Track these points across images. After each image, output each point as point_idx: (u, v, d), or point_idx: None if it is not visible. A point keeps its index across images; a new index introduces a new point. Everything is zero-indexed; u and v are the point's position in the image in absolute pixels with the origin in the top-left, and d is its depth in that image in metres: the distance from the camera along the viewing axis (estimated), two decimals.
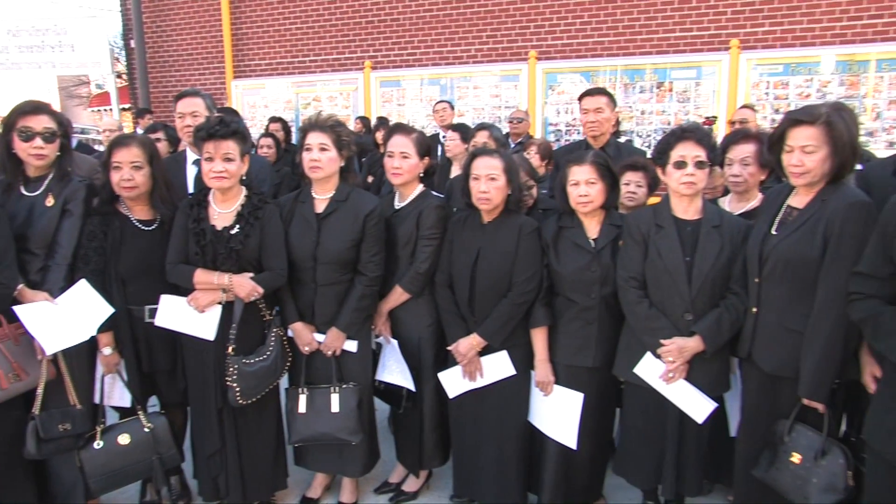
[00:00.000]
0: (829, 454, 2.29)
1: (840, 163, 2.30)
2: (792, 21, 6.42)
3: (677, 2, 6.95)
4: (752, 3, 6.58)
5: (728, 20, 6.70)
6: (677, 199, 2.66)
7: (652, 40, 7.09)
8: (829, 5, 6.30)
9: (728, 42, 6.60)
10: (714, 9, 6.77)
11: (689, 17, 6.91)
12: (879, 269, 1.96)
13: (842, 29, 6.26)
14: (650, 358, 2.64)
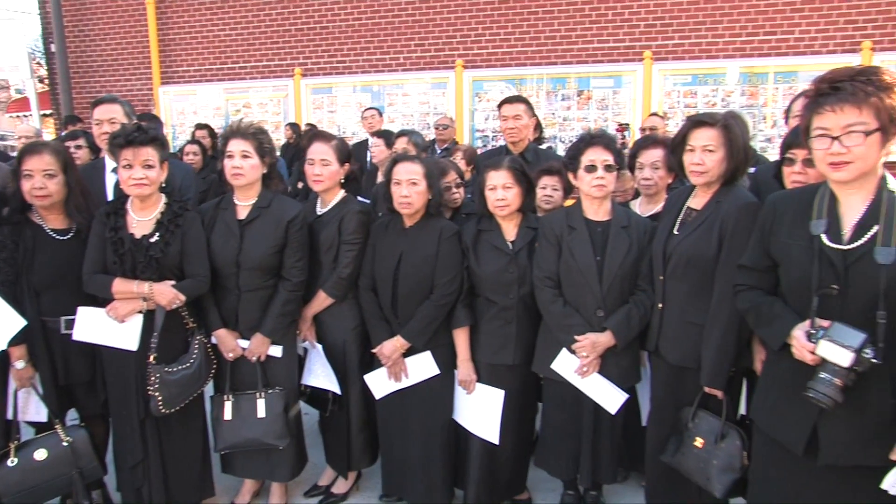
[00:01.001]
0: (727, 437, 2.39)
1: (735, 165, 2.42)
2: (698, 35, 6.71)
3: (595, 15, 7.16)
4: (662, 17, 6.84)
5: (641, 33, 6.94)
6: (588, 202, 2.74)
7: (572, 51, 7.27)
8: (730, 21, 6.61)
9: (642, 53, 6.84)
10: (628, 22, 7.00)
11: (606, 30, 7.12)
12: (759, 263, 2.05)
13: (742, 43, 6.59)
14: (566, 354, 2.71)
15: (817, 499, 1.95)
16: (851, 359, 1.72)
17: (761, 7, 6.52)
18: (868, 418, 1.84)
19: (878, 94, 1.74)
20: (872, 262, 1.78)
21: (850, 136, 1.75)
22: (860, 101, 1.74)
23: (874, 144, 1.77)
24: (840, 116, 1.76)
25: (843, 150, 1.76)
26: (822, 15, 6.35)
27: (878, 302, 1.76)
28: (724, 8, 6.64)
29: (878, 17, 6.23)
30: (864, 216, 1.83)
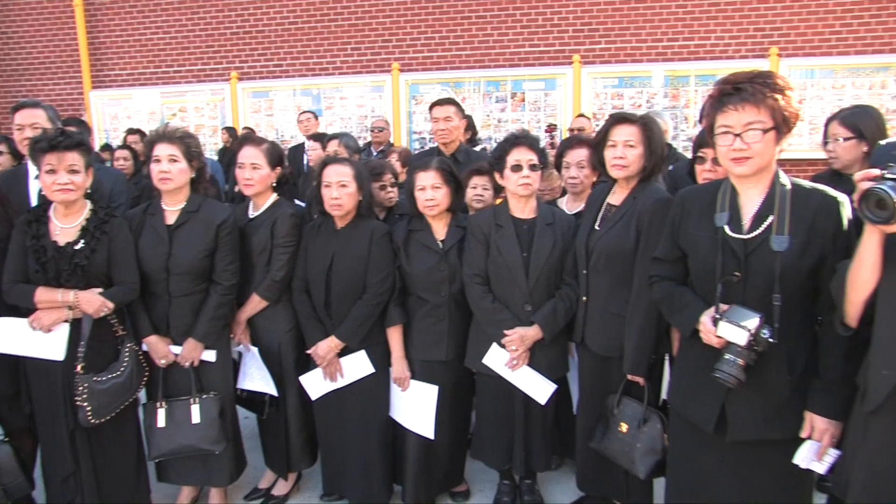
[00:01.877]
0: (649, 421, 2.47)
1: (653, 162, 2.51)
2: (623, 40, 6.91)
3: (526, 20, 7.27)
4: (590, 23, 7.00)
5: (570, 38, 7.09)
6: (515, 200, 2.78)
7: (505, 54, 7.36)
8: (652, 27, 6.83)
9: (571, 57, 6.99)
10: (558, 27, 7.14)
11: (537, 34, 7.24)
12: (670, 254, 2.14)
13: (663, 48, 6.82)
14: (496, 348, 2.75)
15: (728, 473, 2.04)
16: (747, 338, 1.81)
17: (680, 14, 6.76)
18: (769, 395, 1.94)
19: (774, 96, 1.84)
20: (769, 250, 1.88)
21: (750, 134, 1.85)
22: (759, 101, 1.84)
23: (770, 141, 1.87)
24: (741, 115, 1.85)
25: (744, 146, 1.86)
26: (735, 23, 6.63)
27: (774, 286, 1.87)
28: (647, 15, 6.85)
29: (783, 26, 6.55)
30: (760, 208, 1.93)
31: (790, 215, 1.89)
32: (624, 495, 2.80)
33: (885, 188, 1.46)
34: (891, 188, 1.46)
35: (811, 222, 1.88)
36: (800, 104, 1.91)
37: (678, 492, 2.21)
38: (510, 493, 3.09)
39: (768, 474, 2.01)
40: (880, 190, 1.46)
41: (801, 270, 1.88)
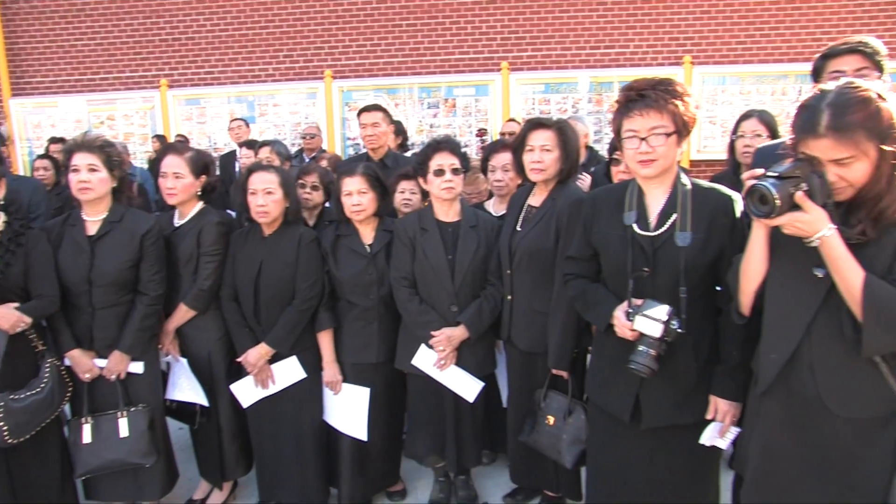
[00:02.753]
0: (574, 413, 2.53)
1: (569, 165, 2.59)
2: (549, 48, 7.05)
3: (455, 28, 7.33)
4: (516, 31, 7.12)
5: (498, 45, 7.19)
6: (439, 204, 2.81)
7: (436, 61, 7.40)
8: (576, 36, 7.00)
9: (499, 64, 7.09)
10: (486, 35, 7.23)
11: (467, 42, 7.31)
12: (583, 253, 2.20)
13: (587, 55, 7.00)
14: (424, 349, 2.76)
15: (642, 458, 2.12)
16: (661, 330, 1.88)
17: (601, 24, 6.96)
18: (678, 382, 2.02)
19: (674, 102, 1.92)
20: (674, 246, 1.96)
21: (655, 137, 1.92)
22: (661, 107, 1.91)
23: (672, 144, 1.95)
24: (646, 120, 1.92)
25: (650, 149, 1.93)
26: (651, 32, 6.87)
27: (680, 279, 1.95)
28: (570, 24, 7.02)
29: (695, 36, 6.83)
30: (665, 206, 2.02)
31: (691, 213, 1.98)
32: (554, 485, 2.87)
33: (766, 184, 1.53)
34: (771, 185, 1.52)
35: (710, 219, 1.97)
36: (696, 109, 2.00)
37: (598, 478, 2.28)
38: (445, 490, 3.11)
39: (679, 456, 2.10)
40: (762, 186, 1.53)
41: (702, 264, 1.97)
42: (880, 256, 1.56)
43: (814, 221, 1.53)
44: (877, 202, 1.56)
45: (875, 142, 1.51)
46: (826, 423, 1.66)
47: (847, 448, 1.65)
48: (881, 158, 1.53)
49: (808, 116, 1.57)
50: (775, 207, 1.52)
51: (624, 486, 2.16)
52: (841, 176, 1.55)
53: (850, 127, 1.50)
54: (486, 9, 7.22)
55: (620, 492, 2.17)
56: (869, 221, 1.57)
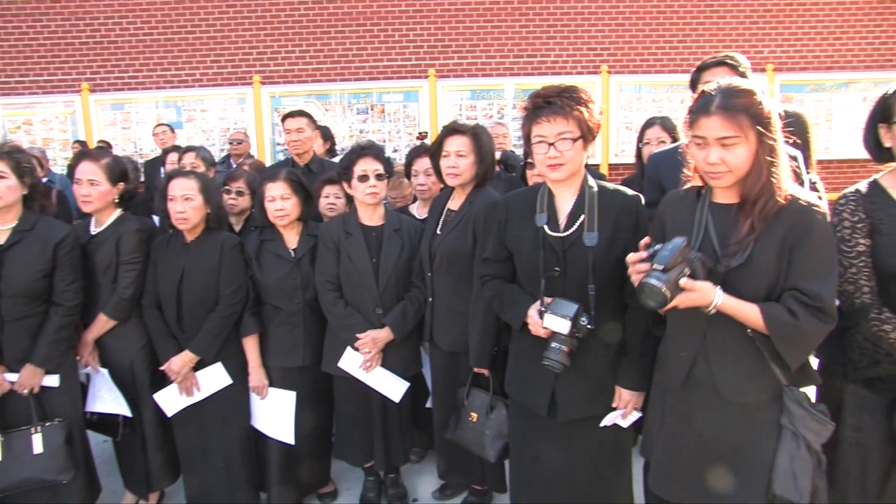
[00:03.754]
0: (495, 409, 2.55)
1: (484, 169, 2.61)
2: (474, 56, 7.13)
3: (383, 35, 7.30)
4: (442, 39, 7.16)
5: (426, 53, 7.21)
6: (363, 209, 2.79)
7: (364, 68, 7.35)
8: (500, 45, 7.10)
9: (427, 71, 7.11)
10: (413, 42, 7.23)
11: (395, 49, 7.29)
12: (498, 254, 2.22)
13: (510, 64, 7.12)
14: (350, 351, 2.73)
15: (559, 449, 2.16)
16: (569, 326, 1.93)
17: (524, 34, 7.08)
18: (591, 376, 2.07)
19: (580, 108, 1.97)
20: (582, 245, 2.01)
21: (562, 142, 1.97)
22: (567, 113, 1.96)
23: (579, 149, 2.00)
24: (553, 126, 1.96)
25: (558, 153, 1.97)
26: (570, 42, 7.05)
27: (588, 277, 2.00)
28: (494, 33, 7.10)
29: (611, 47, 7.05)
30: (573, 208, 2.06)
31: (598, 214, 2.03)
32: (480, 479, 2.89)
33: (653, 282, 1.60)
34: (657, 279, 1.60)
35: (615, 219, 2.03)
36: (600, 116, 2.06)
37: (520, 469, 2.31)
38: (375, 489, 3.08)
39: (593, 445, 2.15)
40: (651, 284, 1.61)
41: (609, 262, 2.02)
42: (770, 246, 1.67)
43: (704, 296, 1.64)
44: (758, 199, 1.66)
45: (755, 129, 1.65)
46: (720, 409, 1.75)
47: (737, 430, 1.76)
48: (760, 147, 1.65)
49: (702, 99, 1.72)
50: (666, 300, 1.61)
51: (544, 476, 2.20)
52: (724, 159, 1.66)
53: (737, 108, 1.65)
54: (414, 17, 7.23)
55: (542, 482, 2.21)
56: (756, 217, 1.67)
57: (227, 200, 3.19)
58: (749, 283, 1.68)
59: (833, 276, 1.71)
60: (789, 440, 1.72)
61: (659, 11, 7.05)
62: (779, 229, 1.67)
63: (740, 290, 1.68)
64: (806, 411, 1.71)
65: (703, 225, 1.76)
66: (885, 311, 1.81)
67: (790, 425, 1.72)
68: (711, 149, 1.67)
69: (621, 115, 6.94)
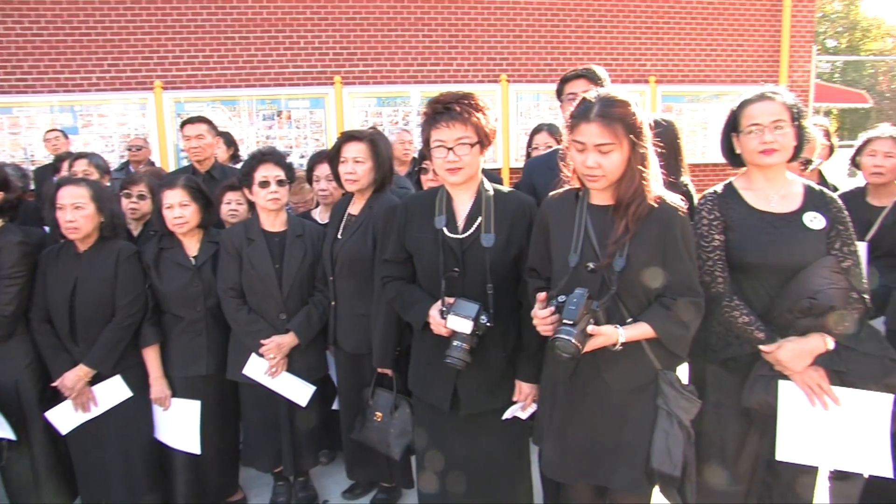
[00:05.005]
0: (399, 407, 2.56)
1: (382, 175, 2.62)
2: (379, 63, 7.12)
3: (288, 42, 7.14)
4: (348, 47, 7.10)
5: (331, 60, 7.12)
6: (265, 215, 2.73)
7: (270, 74, 7.16)
8: (404, 53, 7.13)
9: (333, 78, 7.03)
10: (319, 49, 7.12)
11: (300, 56, 7.15)
12: (399, 256, 2.23)
13: (414, 72, 7.16)
14: (255, 358, 2.67)
15: (463, 443, 2.20)
16: (471, 326, 1.97)
17: (427, 43, 7.14)
18: (490, 371, 2.12)
19: (477, 115, 2.02)
20: (480, 247, 2.06)
21: (460, 147, 2.00)
22: (466, 119, 2.00)
23: (476, 154, 2.05)
24: (452, 131, 1.99)
25: (456, 158, 2.01)
26: (472, 52, 7.18)
27: (486, 277, 2.05)
28: (398, 42, 7.13)
29: (509, 57, 7.25)
30: (470, 210, 2.11)
31: (494, 216, 2.09)
32: (388, 476, 2.89)
33: (564, 337, 1.69)
34: (567, 334, 1.69)
35: (511, 221, 2.10)
36: (496, 122, 2.12)
37: (426, 465, 2.32)
38: (285, 494, 3.01)
39: (493, 437, 2.21)
40: (562, 340, 1.70)
41: (505, 262, 2.09)
42: (644, 244, 1.80)
43: (609, 338, 1.75)
44: (631, 202, 1.77)
45: (629, 138, 1.76)
46: (605, 397, 1.85)
47: (620, 414, 1.88)
48: (632, 154, 1.77)
49: (583, 106, 1.81)
50: (579, 351, 1.71)
51: (449, 469, 2.23)
52: (600, 163, 1.77)
53: (613, 117, 1.75)
54: (319, 25, 7.13)
55: (447, 475, 2.24)
56: (630, 219, 1.78)
57: (127, 205, 3.03)
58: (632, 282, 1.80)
59: (696, 266, 1.86)
60: (664, 419, 1.85)
61: (553, 25, 7.32)
62: (651, 229, 1.79)
63: (627, 289, 1.80)
64: (678, 392, 1.85)
65: (583, 225, 1.86)
66: (735, 299, 1.98)
67: (664, 405, 1.85)
68: (589, 153, 1.77)
69: (520, 122, 7.14)
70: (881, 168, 2.84)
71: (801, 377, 1.93)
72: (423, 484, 2.36)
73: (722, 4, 7.81)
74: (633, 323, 1.81)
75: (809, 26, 8.28)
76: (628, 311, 1.83)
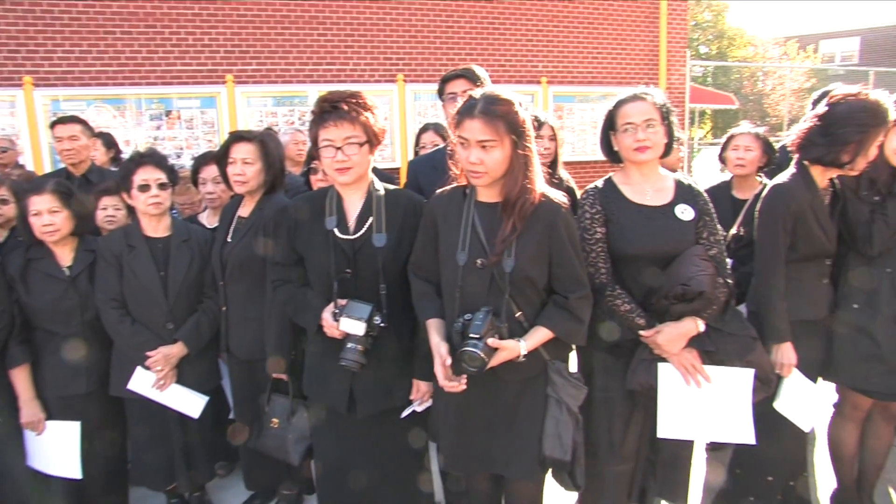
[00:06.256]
0: (296, 412, 2.47)
1: (273, 176, 2.53)
2: (273, 62, 6.88)
3: (175, 38, 6.74)
4: (239, 45, 6.81)
5: (222, 58, 6.80)
6: (146, 220, 2.55)
7: (156, 72, 6.73)
8: (299, 52, 6.93)
9: (224, 77, 6.72)
10: (209, 47, 6.78)
11: (188, 53, 6.77)
12: (289, 258, 2.17)
13: (310, 71, 6.98)
14: (140, 371, 2.49)
15: (362, 444, 2.17)
16: (364, 328, 1.94)
17: (322, 42, 6.98)
18: (386, 371, 2.10)
19: (365, 114, 1.99)
20: (372, 247, 2.03)
21: (349, 146, 1.96)
22: (354, 118, 1.96)
23: (365, 153, 2.02)
24: (340, 130, 1.95)
25: (345, 157, 1.96)
26: (368, 52, 7.11)
27: (379, 277, 2.03)
28: (293, 41, 6.91)
29: (406, 57, 7.25)
30: (361, 211, 2.08)
31: (385, 216, 2.07)
32: (288, 483, 2.80)
33: (471, 349, 1.73)
34: (474, 347, 1.74)
35: (402, 221, 2.08)
36: (385, 121, 2.10)
37: (326, 469, 2.28)
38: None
39: (392, 436, 2.19)
40: (469, 352, 1.74)
41: (398, 262, 2.07)
42: (531, 241, 1.84)
43: (512, 352, 1.80)
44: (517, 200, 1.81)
45: (511, 136, 1.79)
46: (497, 390, 1.88)
47: (512, 404, 1.92)
48: (514, 152, 1.80)
49: (468, 104, 1.83)
50: (485, 363, 1.75)
51: (350, 471, 2.19)
52: (482, 159, 1.79)
53: (496, 115, 1.78)
54: (208, 21, 6.78)
55: (348, 477, 2.20)
56: (517, 216, 1.82)
57: None
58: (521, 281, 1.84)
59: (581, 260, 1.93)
60: (554, 407, 1.90)
61: (448, 26, 7.40)
62: (537, 226, 1.84)
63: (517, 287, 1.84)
64: (565, 380, 1.91)
65: (471, 222, 1.88)
66: (618, 288, 2.07)
67: (554, 394, 1.91)
68: (473, 150, 1.79)
69: (418, 122, 7.16)
70: (743, 160, 3.11)
71: (677, 358, 2.05)
72: (324, 488, 2.30)
73: (606, 10, 8.22)
74: (530, 328, 1.87)
75: (683, 33, 8.89)
76: (519, 308, 1.87)
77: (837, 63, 26.25)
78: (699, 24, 24.41)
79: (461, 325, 1.80)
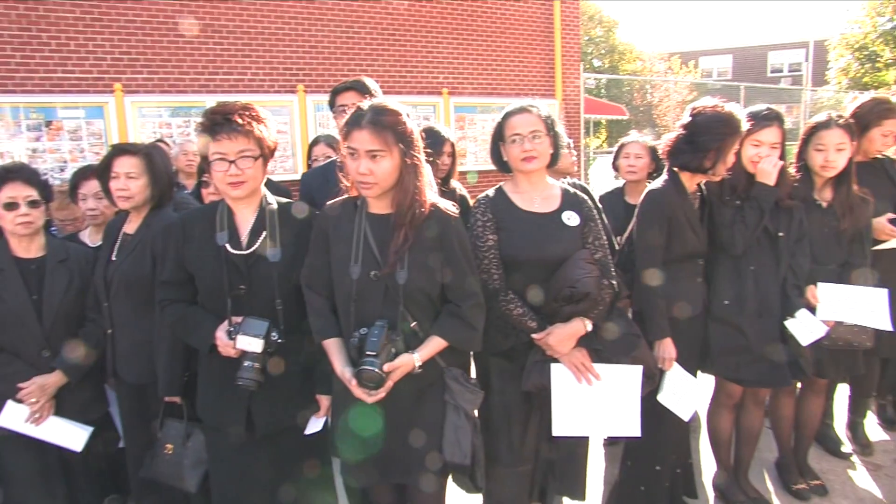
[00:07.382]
0: (192, 436, 2.34)
1: (160, 191, 2.40)
2: (166, 71, 6.55)
3: (55, 43, 6.25)
4: (128, 52, 6.43)
5: (109, 66, 6.39)
6: (16, 240, 2.36)
7: (33, 79, 6.22)
8: (193, 61, 6.63)
9: (112, 85, 6.33)
10: (94, 54, 6.35)
11: (71, 60, 6.31)
12: (177, 276, 2.07)
13: (206, 80, 6.70)
14: (12, 405, 2.29)
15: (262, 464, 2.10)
16: (262, 345, 1.89)
17: (218, 51, 6.73)
18: (284, 388, 2.04)
19: (259, 127, 1.94)
20: (266, 262, 1.98)
21: (243, 160, 1.91)
22: (247, 132, 1.91)
23: (259, 167, 1.97)
24: (234, 143, 1.90)
25: (239, 171, 1.90)
26: (266, 62, 6.91)
27: (275, 293, 1.98)
28: (186, 49, 6.61)
29: (306, 67, 7.13)
30: (254, 225, 2.03)
31: (279, 230, 2.02)
32: None
33: (369, 367, 1.74)
34: (372, 364, 1.74)
35: (296, 234, 2.04)
36: (284, 133, 2.05)
37: (224, 493, 2.18)
38: None
39: (293, 452, 2.14)
40: (368, 370, 1.75)
41: (293, 276, 2.02)
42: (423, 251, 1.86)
43: (406, 366, 1.82)
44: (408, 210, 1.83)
45: (400, 147, 1.81)
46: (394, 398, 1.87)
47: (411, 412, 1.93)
48: (403, 163, 1.82)
49: (355, 114, 1.83)
50: (383, 380, 1.77)
51: (250, 494, 2.11)
52: (371, 170, 1.80)
53: (383, 125, 1.80)
54: (92, 26, 6.36)
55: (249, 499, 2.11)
56: (408, 227, 1.83)
57: None
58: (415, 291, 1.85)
59: (473, 267, 1.97)
60: (452, 412, 1.93)
61: (348, 37, 7.35)
62: (428, 236, 1.86)
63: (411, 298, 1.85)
64: (462, 386, 1.94)
65: (363, 234, 1.87)
66: (510, 293, 2.14)
67: (451, 400, 1.93)
68: (362, 160, 1.80)
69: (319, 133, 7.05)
70: (633, 168, 3.32)
71: (568, 358, 2.14)
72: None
73: (504, 24, 8.48)
74: (426, 337, 1.89)
75: (577, 47, 9.32)
76: (414, 317, 1.88)
77: (714, 78, 28.53)
78: (592, 39, 25.74)
79: (357, 340, 1.80)
